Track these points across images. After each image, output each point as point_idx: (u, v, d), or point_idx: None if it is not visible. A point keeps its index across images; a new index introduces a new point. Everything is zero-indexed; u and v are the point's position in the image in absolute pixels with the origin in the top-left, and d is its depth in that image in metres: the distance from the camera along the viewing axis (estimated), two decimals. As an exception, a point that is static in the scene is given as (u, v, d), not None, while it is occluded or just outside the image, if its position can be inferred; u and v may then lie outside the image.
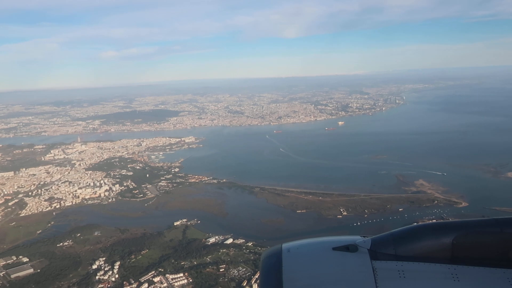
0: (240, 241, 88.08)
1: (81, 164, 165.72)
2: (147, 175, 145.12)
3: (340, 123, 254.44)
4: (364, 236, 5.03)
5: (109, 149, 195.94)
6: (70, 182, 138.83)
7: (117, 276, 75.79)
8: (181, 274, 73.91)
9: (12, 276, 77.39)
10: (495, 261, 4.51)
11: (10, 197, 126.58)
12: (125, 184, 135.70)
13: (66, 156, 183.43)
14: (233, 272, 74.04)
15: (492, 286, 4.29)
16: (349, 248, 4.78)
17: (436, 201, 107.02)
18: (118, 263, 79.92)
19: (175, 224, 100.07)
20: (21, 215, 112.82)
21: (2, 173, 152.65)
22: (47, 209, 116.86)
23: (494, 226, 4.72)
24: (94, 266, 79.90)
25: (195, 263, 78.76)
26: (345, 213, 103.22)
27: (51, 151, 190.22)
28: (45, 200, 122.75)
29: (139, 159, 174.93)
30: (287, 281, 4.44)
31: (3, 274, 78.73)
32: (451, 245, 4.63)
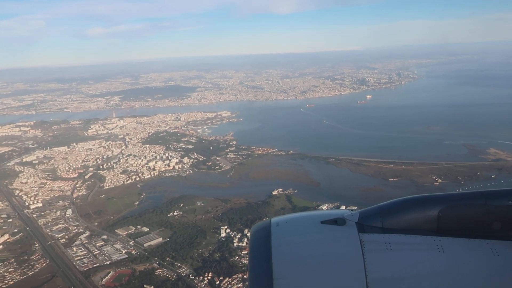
0: (353, 208, 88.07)
1: (133, 139, 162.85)
2: (211, 148, 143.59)
3: (368, 96, 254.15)
4: (351, 210, 5.14)
5: (149, 123, 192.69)
6: (134, 156, 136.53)
7: (255, 242, 75.28)
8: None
9: (145, 245, 76.38)
10: (479, 232, 4.62)
11: (81, 171, 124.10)
12: (192, 157, 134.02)
13: (109, 131, 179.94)
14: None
15: (475, 256, 4.44)
16: (337, 221, 4.88)
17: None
18: (246, 230, 79.38)
19: (273, 193, 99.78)
20: (105, 188, 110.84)
21: (58, 148, 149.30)
22: (128, 181, 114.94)
23: (479, 198, 4.82)
24: (222, 234, 79.34)
25: (325, 229, 78.83)
26: (439, 180, 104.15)
27: (91, 126, 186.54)
28: (121, 173, 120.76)
29: (187, 133, 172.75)
30: (276, 254, 4.51)
31: (132, 243, 77.71)
32: (436, 217, 4.73)
